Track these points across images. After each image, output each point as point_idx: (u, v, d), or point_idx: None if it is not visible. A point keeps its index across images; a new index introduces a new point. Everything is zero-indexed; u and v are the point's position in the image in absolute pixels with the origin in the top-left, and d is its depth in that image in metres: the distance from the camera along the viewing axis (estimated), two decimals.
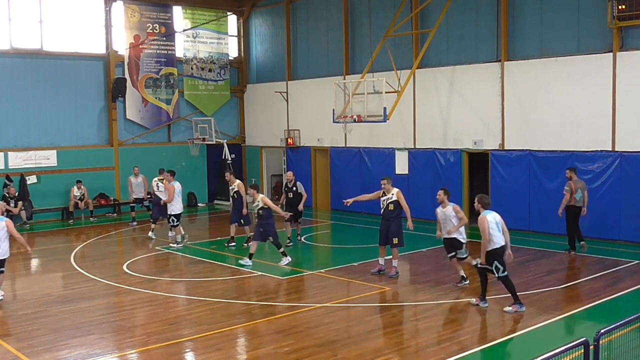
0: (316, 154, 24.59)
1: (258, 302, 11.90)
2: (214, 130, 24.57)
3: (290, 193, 17.28)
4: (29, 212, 21.78)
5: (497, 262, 11.02)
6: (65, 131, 23.18)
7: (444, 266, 14.72)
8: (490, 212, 11.21)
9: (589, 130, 17.24)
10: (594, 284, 12.74)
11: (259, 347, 9.71)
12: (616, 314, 10.34)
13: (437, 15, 19.53)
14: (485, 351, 9.25)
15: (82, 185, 22.32)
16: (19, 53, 22.13)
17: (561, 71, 17.70)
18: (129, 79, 24.19)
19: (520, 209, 18.47)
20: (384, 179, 13.88)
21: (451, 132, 20.26)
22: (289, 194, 17.32)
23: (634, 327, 7.07)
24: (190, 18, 25.74)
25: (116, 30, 24.16)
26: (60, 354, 9.40)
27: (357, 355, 9.11)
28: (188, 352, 9.71)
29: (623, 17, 16.19)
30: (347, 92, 18.83)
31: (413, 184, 20.69)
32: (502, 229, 11.10)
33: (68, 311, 11.54)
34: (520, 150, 18.61)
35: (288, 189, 17.37)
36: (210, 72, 26.36)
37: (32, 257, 16.82)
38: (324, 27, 24.22)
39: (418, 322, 10.96)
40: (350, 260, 15.24)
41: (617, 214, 16.84)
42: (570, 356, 5.99)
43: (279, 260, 14.84)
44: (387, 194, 13.62)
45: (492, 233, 10.94)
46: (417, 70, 20.26)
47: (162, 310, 11.57)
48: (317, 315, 11.15)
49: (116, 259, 16.52)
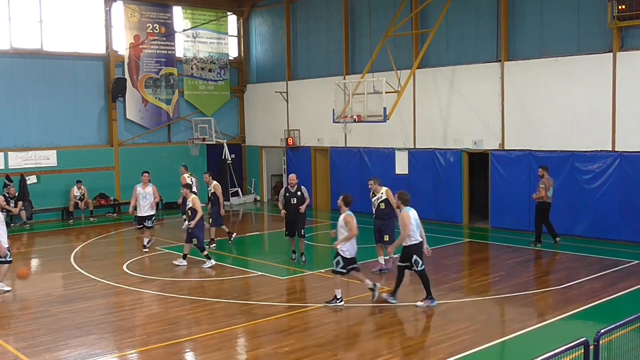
0: (316, 154, 24.59)
1: (258, 302, 11.90)
2: (214, 130, 24.57)
3: (294, 198, 14.78)
4: (29, 212, 21.78)
5: (417, 256, 11.35)
6: (65, 131, 23.18)
7: (444, 266, 14.73)
8: (411, 209, 11.54)
9: (589, 130, 17.24)
10: (594, 284, 12.73)
11: (259, 347, 9.71)
12: (616, 314, 10.34)
13: (437, 15, 19.53)
14: (485, 351, 9.24)
15: (82, 185, 22.32)
16: (19, 53, 22.14)
17: (561, 71, 17.70)
18: (129, 79, 24.19)
19: (520, 209, 18.47)
20: (370, 179, 14.13)
21: (451, 132, 20.26)
22: (292, 199, 14.78)
23: (634, 327, 7.07)
24: (190, 18, 25.74)
25: (116, 30, 24.16)
26: (60, 354, 9.40)
27: (357, 355, 9.11)
28: (188, 352, 9.71)
29: (623, 17, 16.19)
30: (347, 92, 18.83)
31: (413, 184, 20.68)
32: (419, 226, 11.52)
33: (68, 311, 11.54)
34: (520, 150, 18.61)
35: (290, 193, 14.83)
36: (210, 72, 26.36)
37: (32, 257, 16.82)
38: (324, 27, 24.22)
39: (418, 322, 10.97)
40: None
41: (617, 214, 16.83)
42: (570, 356, 5.99)
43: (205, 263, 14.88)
44: (377, 193, 13.82)
45: (412, 229, 11.30)
46: (417, 70, 20.26)
47: (162, 310, 11.57)
48: (317, 315, 11.15)
49: (116, 259, 16.52)
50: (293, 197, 14.82)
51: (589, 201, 17.24)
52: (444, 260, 15.36)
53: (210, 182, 17.22)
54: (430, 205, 20.16)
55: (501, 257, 15.78)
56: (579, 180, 17.36)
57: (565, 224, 17.34)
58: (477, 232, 18.98)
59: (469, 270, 14.62)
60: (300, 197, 14.83)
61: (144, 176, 16.93)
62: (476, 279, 13.56)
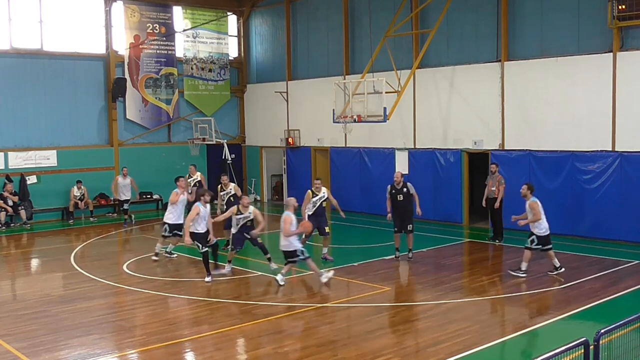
0: (316, 154, 24.59)
1: (258, 302, 11.90)
2: (214, 130, 24.56)
3: (400, 195, 15.00)
4: (29, 212, 21.78)
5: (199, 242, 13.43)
6: (65, 131, 23.18)
7: (444, 266, 14.73)
8: None
9: (589, 130, 17.24)
10: (594, 284, 12.74)
11: (259, 347, 9.71)
12: (616, 314, 10.33)
13: (437, 15, 19.53)
14: (485, 351, 9.24)
15: (82, 185, 22.31)
16: (19, 53, 22.14)
17: (561, 71, 17.70)
18: (129, 79, 24.18)
19: (520, 209, 18.41)
20: (317, 179, 15.56)
21: (451, 132, 20.26)
22: (397, 196, 15.00)
23: (634, 327, 7.07)
24: (190, 18, 25.74)
25: (116, 30, 24.15)
26: (60, 354, 9.40)
27: (357, 355, 9.10)
28: (188, 352, 9.71)
29: (623, 17, 16.19)
30: (347, 92, 18.82)
31: (413, 184, 20.46)
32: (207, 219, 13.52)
33: (68, 311, 11.54)
34: (520, 150, 18.61)
35: (396, 190, 15.04)
36: (210, 72, 26.35)
37: (32, 257, 16.81)
38: (324, 27, 24.22)
39: (418, 322, 10.96)
40: (350, 260, 15.24)
41: (617, 214, 16.83)
42: (570, 356, 5.99)
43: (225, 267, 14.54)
44: (319, 193, 15.13)
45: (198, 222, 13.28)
46: (417, 70, 20.26)
47: (162, 310, 11.57)
48: (317, 315, 11.16)
49: (116, 259, 16.52)
50: (399, 193, 15.11)
51: (589, 201, 17.24)
52: (444, 260, 15.36)
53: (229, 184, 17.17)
54: (430, 205, 20.10)
55: (501, 257, 15.79)
56: (579, 180, 17.36)
57: (565, 224, 17.34)
58: (477, 232, 18.98)
59: (469, 270, 14.61)
60: (407, 193, 15.11)
61: (124, 170, 21.32)
62: (476, 279, 13.55)
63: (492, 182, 17.07)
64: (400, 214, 15.11)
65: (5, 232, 20.33)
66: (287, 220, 12.80)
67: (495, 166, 17.44)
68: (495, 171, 17.21)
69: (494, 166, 17.44)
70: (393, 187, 15.16)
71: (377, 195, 21.69)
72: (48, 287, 13.54)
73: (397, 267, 14.84)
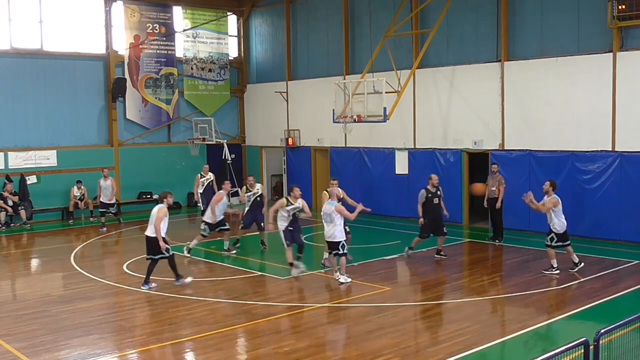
0: (316, 154, 24.58)
1: (258, 302, 11.90)
2: (214, 130, 24.56)
3: (436, 198, 14.84)
4: (29, 212, 21.78)
5: None
6: (65, 131, 23.17)
7: (444, 266, 14.73)
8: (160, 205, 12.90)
9: (589, 130, 17.24)
10: (594, 284, 12.74)
11: (259, 347, 9.71)
12: (616, 314, 10.33)
13: (437, 15, 19.53)
14: (485, 351, 9.24)
15: (82, 186, 22.31)
16: (19, 53, 22.13)
17: (561, 71, 17.70)
18: (129, 79, 24.18)
19: (520, 209, 18.42)
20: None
21: (451, 132, 20.26)
22: (433, 199, 14.79)
23: (634, 327, 7.07)
24: (190, 18, 25.74)
25: (116, 30, 24.15)
26: (60, 354, 9.40)
27: (357, 355, 9.10)
28: (188, 352, 9.71)
29: (623, 17, 16.19)
30: (347, 92, 18.82)
31: (413, 184, 20.65)
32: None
33: (68, 311, 11.54)
34: (520, 150, 18.61)
35: (432, 194, 14.82)
36: (210, 72, 26.35)
37: (32, 257, 16.80)
38: (324, 27, 24.22)
39: (418, 322, 10.97)
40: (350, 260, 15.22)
41: (617, 214, 16.83)
42: (570, 356, 5.99)
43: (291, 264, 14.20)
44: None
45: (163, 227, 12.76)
46: (417, 70, 20.26)
47: (162, 310, 11.57)
48: (317, 315, 11.16)
49: (116, 259, 16.52)
50: (435, 197, 14.87)
51: (589, 201, 17.24)
52: (444, 260, 15.35)
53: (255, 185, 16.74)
54: None
55: (501, 257, 15.80)
56: (579, 180, 17.36)
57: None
58: (477, 232, 18.98)
59: (469, 270, 14.61)
60: (440, 196, 14.99)
61: (104, 171, 20.79)
62: (476, 279, 13.55)
63: (492, 182, 17.10)
64: (435, 218, 14.92)
65: (5, 232, 20.33)
66: (340, 209, 13.05)
67: (496, 166, 17.50)
68: (496, 171, 17.26)
69: (495, 166, 17.48)
70: (428, 190, 14.89)
71: (377, 195, 21.72)
72: (48, 287, 13.54)
73: (397, 267, 14.85)
